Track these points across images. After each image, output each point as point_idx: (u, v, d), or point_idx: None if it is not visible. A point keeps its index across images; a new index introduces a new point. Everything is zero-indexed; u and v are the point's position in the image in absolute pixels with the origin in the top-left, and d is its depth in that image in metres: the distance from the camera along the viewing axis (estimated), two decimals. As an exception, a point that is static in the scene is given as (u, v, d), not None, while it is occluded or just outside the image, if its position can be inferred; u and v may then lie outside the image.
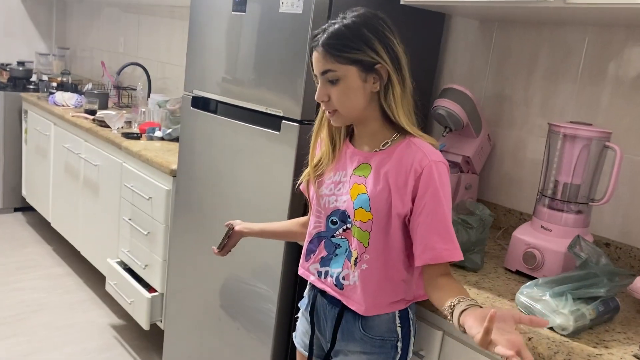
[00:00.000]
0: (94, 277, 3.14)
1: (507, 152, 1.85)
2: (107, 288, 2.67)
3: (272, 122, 1.70)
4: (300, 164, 1.64)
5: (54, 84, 3.91)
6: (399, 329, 1.21)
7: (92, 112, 3.16)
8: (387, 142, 1.17)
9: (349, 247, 1.20)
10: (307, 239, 1.30)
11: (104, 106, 3.45)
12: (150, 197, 2.36)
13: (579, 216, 1.42)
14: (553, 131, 1.45)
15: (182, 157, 2.12)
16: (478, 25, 1.91)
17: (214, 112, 1.96)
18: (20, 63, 4.25)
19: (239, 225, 1.53)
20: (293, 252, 1.69)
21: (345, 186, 1.20)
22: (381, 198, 1.13)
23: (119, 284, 2.56)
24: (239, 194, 1.83)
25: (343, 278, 1.20)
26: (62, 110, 3.28)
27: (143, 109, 3.07)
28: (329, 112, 1.18)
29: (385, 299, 1.19)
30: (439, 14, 1.90)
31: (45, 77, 4.16)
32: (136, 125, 2.98)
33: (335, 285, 1.22)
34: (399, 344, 1.21)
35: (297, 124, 1.63)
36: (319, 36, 1.12)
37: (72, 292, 3.00)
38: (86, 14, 4.51)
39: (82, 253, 3.12)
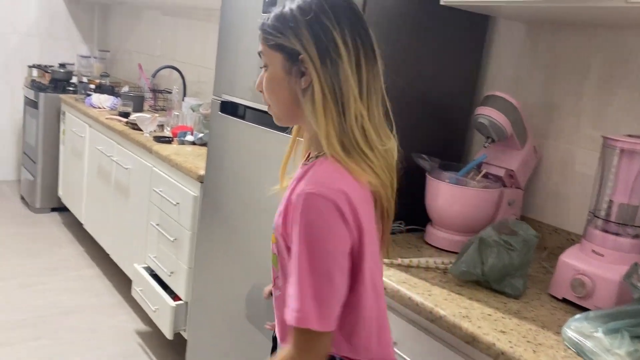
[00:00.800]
0: (123, 281, 3.11)
1: (555, 166, 1.70)
2: (133, 294, 2.63)
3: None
4: (328, 173, 1.55)
5: (92, 86, 3.94)
6: None
7: (126, 115, 3.14)
8: (312, 157, 0.97)
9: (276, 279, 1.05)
10: None
11: (139, 109, 3.44)
12: (177, 203, 2.31)
13: (637, 241, 1.27)
14: (608, 145, 1.30)
15: (210, 163, 2.05)
16: (525, 28, 1.77)
17: (242, 117, 1.89)
18: (62, 65, 4.31)
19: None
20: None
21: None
22: (279, 222, 0.96)
23: (145, 290, 2.52)
24: (266, 202, 1.75)
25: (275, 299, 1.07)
26: (97, 112, 3.29)
27: (176, 113, 3.04)
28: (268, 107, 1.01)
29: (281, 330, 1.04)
30: (482, 16, 1.78)
31: (84, 79, 4.20)
32: (169, 128, 2.95)
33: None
34: None
35: (326, 132, 1.53)
36: (260, 24, 0.97)
37: (101, 295, 2.98)
38: (127, 17, 4.55)
39: (112, 256, 3.10)
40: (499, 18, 1.83)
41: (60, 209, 4.05)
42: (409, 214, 1.73)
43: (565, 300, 1.31)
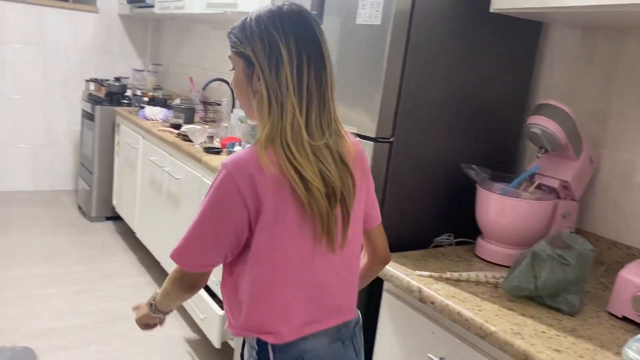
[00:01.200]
0: (173, 289, 3.17)
1: (613, 177, 1.62)
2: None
3: (346, 139, 1.60)
4: (375, 182, 1.53)
5: (146, 99, 4.07)
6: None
7: (177, 127, 3.22)
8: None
9: None
10: None
11: (190, 121, 3.53)
12: (225, 213, 2.34)
13: None
14: (672, 155, 1.23)
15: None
16: (580, 34, 1.71)
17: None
18: (117, 79, 4.48)
19: None
20: (365, 279, 1.57)
21: None
22: None
23: (194, 299, 2.56)
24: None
25: None
26: (150, 124, 3.39)
27: (225, 124, 3.09)
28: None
29: (232, 320, 1.15)
30: (534, 23, 1.73)
31: (138, 92, 4.35)
32: (218, 139, 3.00)
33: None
34: None
35: (371, 142, 1.52)
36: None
37: (152, 302, 3.05)
38: (178, 31, 4.68)
39: (162, 265, 3.18)
40: (552, 24, 1.77)
41: (114, 217, 4.19)
42: (458, 226, 1.69)
43: (625, 319, 1.24)
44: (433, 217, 1.67)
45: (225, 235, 1.05)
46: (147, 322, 1.34)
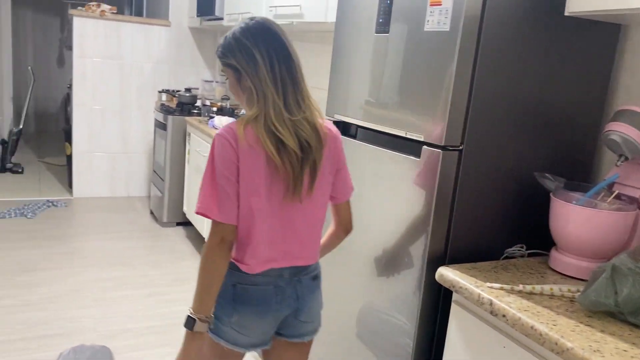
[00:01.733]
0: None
1: (702, 187, 1.51)
2: (249, 307, 2.73)
3: (412, 147, 1.59)
4: (442, 193, 1.51)
5: (214, 109, 4.20)
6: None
7: (244, 135, 3.30)
8: None
9: None
10: None
11: (255, 129, 3.60)
12: (291, 220, 2.37)
13: None
14: None
15: (322, 182, 2.08)
16: (664, 36, 1.61)
17: (354, 137, 1.90)
18: (187, 90, 4.65)
19: None
20: (433, 284, 1.55)
21: None
22: None
23: (260, 304, 2.60)
24: (377, 221, 1.74)
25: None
26: (218, 133, 3.48)
27: (290, 132, 3.13)
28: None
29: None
30: (612, 25, 1.65)
31: (207, 102, 4.49)
32: (283, 148, 3.05)
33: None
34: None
35: (439, 150, 1.49)
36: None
37: (219, 306, 3.13)
38: (245, 43, 4.81)
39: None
40: (633, 25, 1.68)
41: (185, 223, 4.34)
42: (531, 237, 1.64)
43: None
44: (504, 228, 1.63)
45: (228, 181, 1.34)
46: (194, 350, 1.42)
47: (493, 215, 1.60)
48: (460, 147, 1.51)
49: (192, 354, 1.41)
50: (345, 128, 1.95)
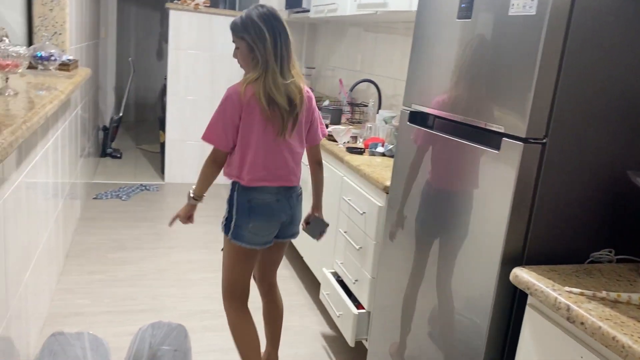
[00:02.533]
0: (313, 284, 3.27)
1: None
2: (321, 297, 2.73)
3: (492, 139, 1.50)
4: (521, 189, 1.41)
5: (297, 100, 4.24)
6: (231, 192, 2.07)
7: (324, 126, 3.30)
8: None
9: None
10: None
11: (336, 121, 3.60)
12: (364, 212, 2.34)
13: None
14: None
15: (396, 174, 2.03)
16: None
17: (431, 127, 1.83)
18: (273, 81, 4.73)
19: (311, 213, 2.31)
20: (507, 286, 1.46)
21: None
22: None
23: (331, 295, 2.60)
24: (452, 216, 1.67)
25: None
26: (299, 124, 3.51)
27: (370, 125, 3.10)
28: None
29: (226, 170, 2.07)
30: None
31: (291, 94, 4.54)
32: (361, 140, 3.02)
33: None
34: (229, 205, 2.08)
35: (520, 143, 1.40)
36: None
37: (293, 295, 3.16)
38: (332, 35, 4.82)
39: (305, 259, 3.28)
40: None
41: (265, 212, 4.43)
42: (621, 241, 1.50)
43: None
44: (590, 230, 1.50)
45: (230, 123, 1.93)
46: (188, 212, 2.18)
47: (578, 216, 1.48)
48: (544, 140, 1.41)
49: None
50: (422, 118, 1.89)
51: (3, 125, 1.36)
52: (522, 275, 1.36)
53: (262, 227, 2.02)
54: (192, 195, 2.12)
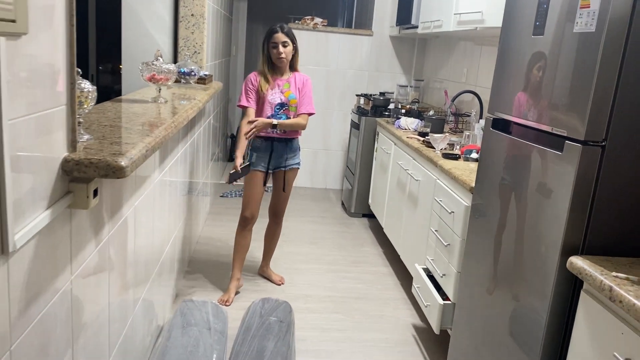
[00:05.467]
0: (408, 279, 3.50)
1: None
2: (413, 290, 2.97)
3: (556, 142, 1.68)
4: (582, 185, 1.58)
5: (403, 111, 4.50)
6: (299, 144, 3.25)
7: (424, 135, 3.54)
8: (290, 74, 3.10)
9: (287, 115, 3.08)
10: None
11: (438, 130, 3.81)
12: (452, 212, 2.55)
13: None
14: None
15: (479, 176, 2.24)
16: None
17: (510, 133, 2.02)
18: (382, 94, 5.04)
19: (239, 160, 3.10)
20: (566, 277, 1.63)
21: (279, 94, 3.06)
22: (296, 93, 3.07)
23: (421, 288, 2.83)
24: (523, 214, 1.85)
25: (284, 130, 3.08)
26: (402, 133, 3.78)
27: (468, 133, 3.28)
28: (282, 59, 3.02)
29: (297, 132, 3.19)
30: None
31: (399, 105, 4.81)
32: (458, 147, 3.22)
33: (283, 132, 3.08)
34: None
35: (580, 145, 1.57)
36: (278, 28, 3.01)
37: (389, 289, 3.42)
38: (441, 49, 5.02)
39: (401, 257, 3.53)
40: None
41: (369, 215, 4.73)
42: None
43: None
44: (651, 227, 1.61)
45: (251, 91, 3.04)
46: (265, 124, 2.97)
47: (637, 213, 1.61)
48: (603, 143, 1.56)
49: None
50: (504, 125, 2.08)
51: (155, 125, 1.80)
52: (577, 262, 1.52)
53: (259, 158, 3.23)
54: (275, 123, 2.96)
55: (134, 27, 3.55)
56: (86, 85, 1.38)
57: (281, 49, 2.97)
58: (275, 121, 2.95)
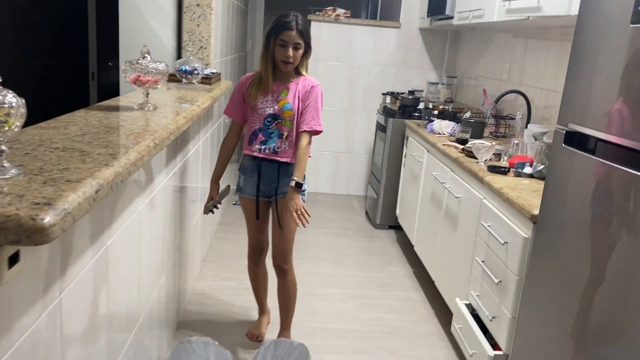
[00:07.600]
0: (445, 311, 3.04)
1: None
2: (452, 330, 2.51)
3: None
4: None
5: (436, 112, 4.02)
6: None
7: (463, 142, 3.07)
8: (292, 79, 2.34)
9: (280, 131, 2.33)
10: (248, 134, 2.38)
11: (478, 135, 3.33)
12: (505, 242, 2.08)
13: None
14: None
15: (547, 202, 1.77)
16: None
17: (592, 152, 1.55)
18: (411, 92, 4.56)
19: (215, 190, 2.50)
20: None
21: (272, 102, 2.33)
22: (295, 103, 2.32)
23: (464, 329, 2.37)
24: (613, 258, 1.38)
25: (277, 147, 2.33)
26: (436, 138, 3.31)
27: (516, 141, 2.80)
28: (288, 64, 2.26)
29: (294, 153, 2.34)
30: None
31: (430, 105, 4.33)
32: (506, 158, 2.74)
33: (273, 152, 2.34)
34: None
35: None
36: (293, 23, 2.20)
37: (423, 321, 2.96)
38: (477, 42, 4.52)
39: (436, 284, 3.06)
40: None
41: (396, 227, 4.27)
42: None
43: None
44: None
45: (237, 99, 2.39)
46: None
47: None
48: None
49: None
50: (581, 140, 1.61)
51: (127, 147, 1.38)
52: None
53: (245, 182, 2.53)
54: (294, 183, 2.23)
55: (132, 20, 3.14)
56: (8, 99, 0.95)
57: (291, 52, 2.19)
58: (293, 182, 2.20)
